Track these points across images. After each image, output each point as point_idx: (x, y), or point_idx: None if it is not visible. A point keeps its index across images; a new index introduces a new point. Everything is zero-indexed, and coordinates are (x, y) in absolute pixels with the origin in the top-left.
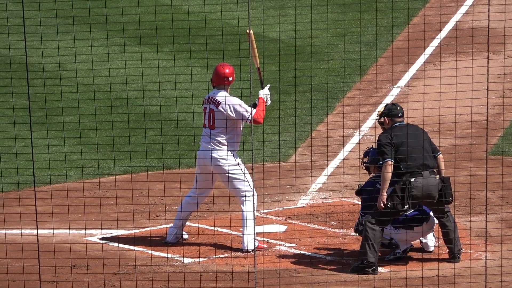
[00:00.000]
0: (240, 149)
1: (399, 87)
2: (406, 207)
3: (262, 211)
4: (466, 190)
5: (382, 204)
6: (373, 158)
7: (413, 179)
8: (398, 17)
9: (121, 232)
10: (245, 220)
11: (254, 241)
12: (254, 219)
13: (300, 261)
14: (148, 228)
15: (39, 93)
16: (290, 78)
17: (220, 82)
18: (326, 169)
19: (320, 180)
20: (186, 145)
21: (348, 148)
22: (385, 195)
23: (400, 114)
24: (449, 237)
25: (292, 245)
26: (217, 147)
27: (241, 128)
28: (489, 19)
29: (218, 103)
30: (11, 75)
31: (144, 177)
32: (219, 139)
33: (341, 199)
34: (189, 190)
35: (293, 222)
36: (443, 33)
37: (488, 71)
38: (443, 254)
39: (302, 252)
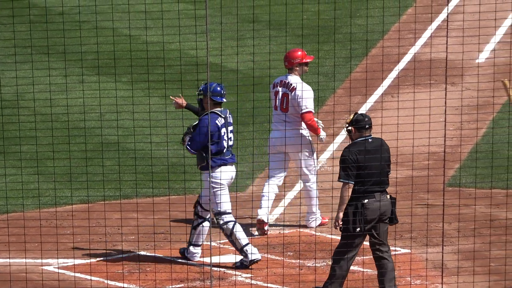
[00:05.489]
0: (196, 179)
1: None
2: (357, 229)
3: (219, 242)
4: (423, 221)
5: (338, 225)
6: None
7: (366, 201)
8: (356, 49)
9: (77, 262)
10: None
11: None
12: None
13: None
14: (104, 258)
15: None
16: (248, 108)
17: (291, 64)
18: (283, 199)
19: (277, 211)
20: (143, 175)
21: None
22: (341, 215)
23: (367, 126)
24: (384, 277)
25: (249, 275)
26: (289, 128)
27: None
28: (447, 51)
29: (292, 88)
30: None
31: (101, 206)
32: (291, 120)
33: (298, 229)
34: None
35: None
36: (401, 64)
37: (446, 103)
38: None
39: (258, 282)
